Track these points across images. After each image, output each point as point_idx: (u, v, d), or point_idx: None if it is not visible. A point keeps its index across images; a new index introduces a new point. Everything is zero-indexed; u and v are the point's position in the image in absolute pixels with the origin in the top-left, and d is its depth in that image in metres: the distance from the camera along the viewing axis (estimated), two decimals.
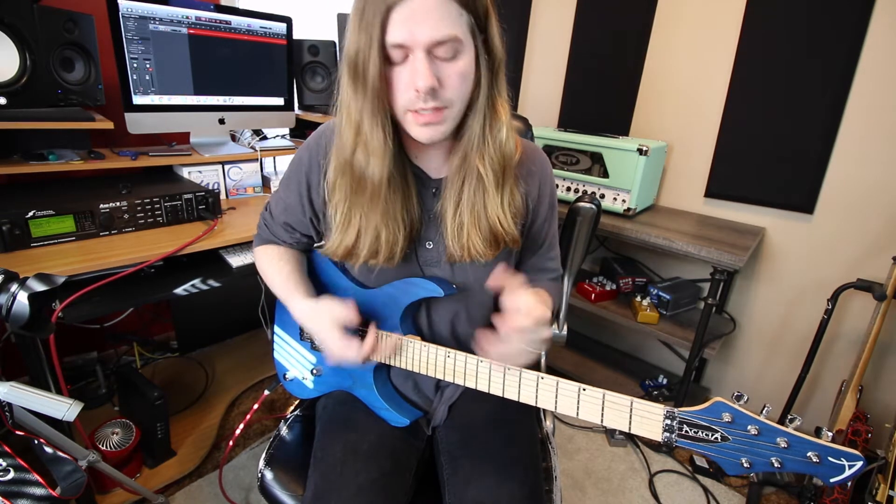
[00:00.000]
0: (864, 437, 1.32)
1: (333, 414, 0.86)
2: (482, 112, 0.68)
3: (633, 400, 0.61)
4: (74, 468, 0.93)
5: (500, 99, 0.70)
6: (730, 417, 0.57)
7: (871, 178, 1.46)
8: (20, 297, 0.74)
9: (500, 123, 0.70)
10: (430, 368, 0.75)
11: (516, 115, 1.17)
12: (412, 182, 0.75)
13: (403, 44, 0.59)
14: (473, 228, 0.73)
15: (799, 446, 0.54)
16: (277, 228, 0.88)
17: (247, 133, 1.82)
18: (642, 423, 0.60)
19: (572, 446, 1.69)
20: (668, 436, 0.59)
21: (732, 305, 1.81)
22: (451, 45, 0.60)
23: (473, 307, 0.84)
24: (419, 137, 0.67)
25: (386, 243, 0.73)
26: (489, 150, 0.70)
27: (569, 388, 0.64)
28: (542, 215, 0.84)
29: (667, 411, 0.59)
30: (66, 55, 1.28)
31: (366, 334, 0.77)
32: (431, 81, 0.60)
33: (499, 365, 0.68)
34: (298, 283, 0.84)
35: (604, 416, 0.63)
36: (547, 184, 0.83)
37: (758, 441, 0.56)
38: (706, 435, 0.58)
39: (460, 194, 0.73)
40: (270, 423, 1.71)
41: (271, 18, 1.57)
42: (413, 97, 0.62)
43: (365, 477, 0.73)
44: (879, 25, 1.39)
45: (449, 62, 0.62)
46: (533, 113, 2.26)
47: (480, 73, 0.65)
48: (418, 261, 0.79)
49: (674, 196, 1.89)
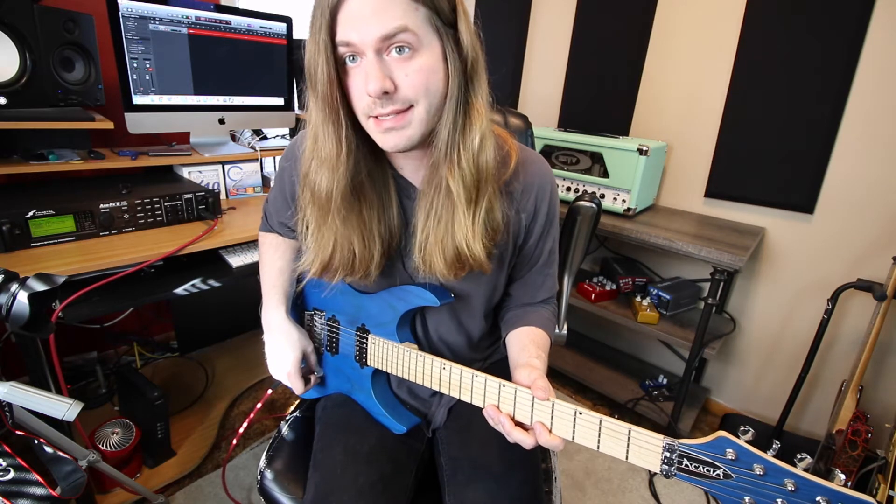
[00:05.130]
0: (864, 437, 1.32)
1: (333, 416, 0.85)
2: (451, 117, 0.61)
3: (630, 428, 0.58)
4: (74, 468, 0.93)
5: (475, 102, 0.63)
6: (734, 455, 0.53)
7: (871, 178, 1.46)
8: (20, 297, 0.74)
9: (475, 131, 0.63)
10: (425, 379, 0.74)
11: (515, 112, 1.15)
12: (394, 192, 0.72)
13: (350, 42, 0.57)
14: (437, 247, 0.67)
15: (808, 490, 0.50)
16: (275, 223, 0.92)
17: (247, 133, 1.82)
18: (640, 454, 0.57)
19: (572, 446, 1.68)
20: (666, 468, 0.56)
21: (732, 305, 1.81)
22: (403, 40, 0.56)
23: (465, 315, 0.83)
24: (383, 145, 0.63)
25: (361, 261, 0.70)
26: (462, 161, 0.63)
27: (565, 410, 0.61)
28: (537, 233, 0.79)
29: (666, 443, 0.56)
30: (66, 55, 1.28)
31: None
32: (382, 83, 0.57)
33: (494, 379, 0.65)
34: (283, 287, 0.87)
35: (600, 442, 0.60)
36: (545, 199, 0.77)
37: (763, 481, 0.52)
38: (707, 471, 0.54)
39: (430, 208, 0.67)
40: (270, 423, 1.71)
41: (271, 18, 1.57)
42: (369, 102, 0.59)
43: (365, 479, 0.72)
44: (879, 25, 1.39)
45: (405, 60, 0.58)
46: (533, 113, 2.25)
47: (450, 73, 0.60)
48: (407, 272, 0.77)
49: (674, 196, 1.89)
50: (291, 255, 0.90)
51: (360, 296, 0.82)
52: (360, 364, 0.84)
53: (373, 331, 0.81)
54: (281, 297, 0.86)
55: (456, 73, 0.60)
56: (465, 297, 0.80)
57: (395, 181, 0.73)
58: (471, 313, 0.83)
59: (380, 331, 0.80)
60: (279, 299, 0.85)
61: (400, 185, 0.74)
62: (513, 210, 0.74)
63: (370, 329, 0.81)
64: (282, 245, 0.91)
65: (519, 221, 0.76)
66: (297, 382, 0.82)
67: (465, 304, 0.81)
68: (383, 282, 0.78)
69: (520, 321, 0.82)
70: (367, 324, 0.81)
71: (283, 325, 0.84)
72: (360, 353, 0.83)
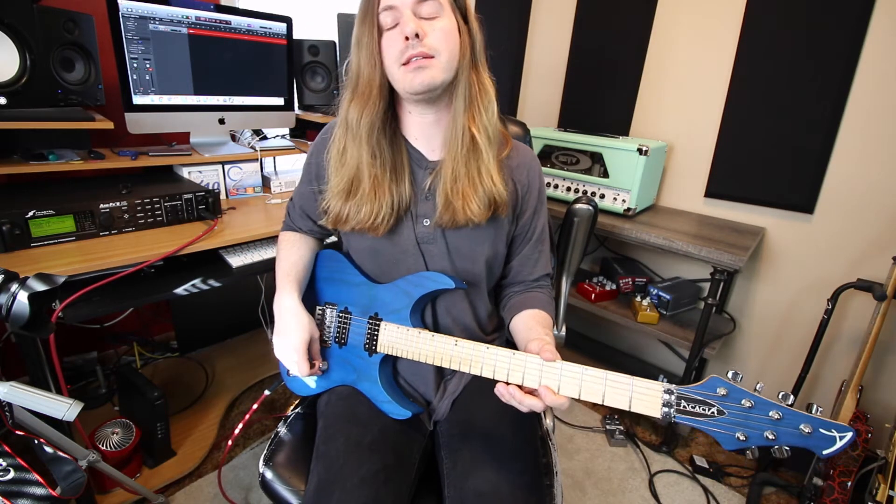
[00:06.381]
0: (864, 437, 1.32)
1: (336, 409, 0.86)
2: (467, 78, 0.76)
3: (634, 379, 0.63)
4: (74, 468, 0.93)
5: (484, 75, 0.79)
6: (724, 391, 0.59)
7: (872, 178, 1.46)
8: (20, 297, 0.74)
9: (489, 96, 0.78)
10: (436, 358, 0.77)
11: (514, 120, 1.18)
12: (406, 161, 0.83)
13: (392, 6, 0.71)
14: (469, 188, 0.78)
15: (791, 418, 0.57)
16: (296, 216, 0.98)
17: (247, 133, 1.82)
18: (642, 401, 0.62)
19: (572, 446, 1.69)
20: (666, 411, 0.61)
21: (732, 305, 1.81)
22: (432, 6, 0.72)
23: (473, 293, 0.89)
24: (413, 84, 0.73)
25: (370, 213, 0.80)
26: (482, 117, 0.77)
27: (573, 369, 0.66)
28: (532, 206, 0.89)
29: (665, 388, 0.61)
30: (66, 55, 1.28)
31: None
32: (416, 26, 0.71)
33: (505, 350, 0.71)
34: (297, 276, 0.89)
35: (605, 395, 0.64)
36: (535, 174, 0.90)
37: (752, 414, 0.58)
38: (703, 409, 0.60)
39: (455, 158, 0.78)
40: (270, 423, 1.71)
41: (271, 18, 1.57)
42: (402, 46, 0.71)
43: (368, 469, 0.73)
44: (879, 25, 1.39)
45: (432, 20, 0.73)
46: (533, 113, 2.26)
47: (463, 43, 0.75)
48: (416, 238, 0.84)
49: (674, 196, 1.89)
50: (307, 250, 0.95)
51: (374, 286, 0.87)
52: (368, 353, 0.85)
53: (385, 318, 0.84)
54: (294, 284, 0.88)
55: (468, 46, 0.76)
56: (471, 266, 0.86)
57: (408, 152, 0.84)
58: (477, 290, 0.89)
59: (393, 317, 0.83)
60: (292, 286, 0.88)
61: (413, 155, 0.85)
62: (510, 181, 0.85)
63: (383, 317, 0.84)
64: (298, 241, 0.96)
65: (516, 192, 0.87)
66: (303, 363, 0.83)
67: (472, 278, 0.87)
68: (393, 245, 0.85)
69: (522, 306, 0.88)
70: (381, 312, 0.85)
71: (294, 308, 0.85)
72: (370, 341, 0.85)
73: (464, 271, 0.86)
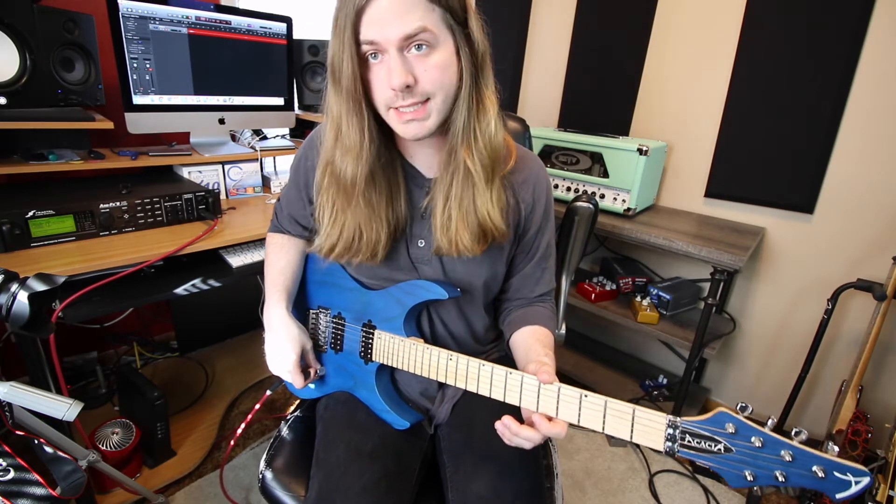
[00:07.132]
0: (864, 437, 1.32)
1: (335, 414, 0.86)
2: (466, 105, 0.68)
3: (635, 408, 0.59)
4: (74, 468, 0.93)
5: (486, 92, 0.70)
6: (733, 428, 0.55)
7: (871, 178, 1.46)
8: (20, 296, 0.74)
9: (488, 117, 0.70)
10: (431, 371, 0.75)
11: (513, 116, 1.17)
12: (402, 180, 0.77)
13: (374, 41, 0.62)
14: (462, 223, 0.73)
15: (804, 460, 0.52)
16: (284, 219, 0.94)
17: (247, 133, 1.82)
18: (644, 432, 0.59)
19: (572, 446, 1.69)
20: (669, 445, 0.58)
21: (732, 305, 1.81)
22: (422, 39, 0.61)
23: (469, 307, 0.85)
24: (404, 135, 0.68)
25: (367, 243, 0.75)
26: (477, 143, 0.70)
27: (570, 394, 0.62)
28: (536, 224, 0.84)
29: (669, 420, 0.57)
30: (66, 55, 1.28)
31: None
32: (405, 78, 0.62)
33: (501, 368, 0.68)
34: (285, 284, 0.88)
35: (605, 424, 0.61)
36: (541, 191, 0.83)
37: (761, 453, 0.54)
38: (709, 445, 0.56)
39: (449, 189, 0.73)
40: (271, 423, 1.71)
41: (271, 18, 1.57)
42: (391, 95, 0.64)
43: (369, 477, 0.73)
44: (879, 25, 1.39)
45: (424, 57, 0.63)
46: (533, 113, 2.26)
47: (462, 67, 0.66)
48: (410, 258, 0.81)
49: (674, 196, 1.89)
50: (295, 254, 0.92)
51: (367, 292, 0.84)
52: (364, 360, 0.84)
53: (379, 326, 0.82)
54: (282, 293, 0.86)
55: (468, 66, 0.66)
56: (467, 286, 0.82)
57: (404, 170, 0.78)
58: (473, 305, 0.86)
59: (386, 326, 0.81)
60: (280, 296, 0.86)
61: (409, 173, 0.79)
62: (513, 200, 0.80)
63: (376, 325, 0.82)
64: (286, 244, 0.93)
65: (519, 211, 0.81)
66: (296, 377, 0.83)
67: (468, 295, 0.84)
68: (388, 265, 0.81)
69: (522, 322, 0.84)
70: (374, 319, 0.83)
71: (283, 321, 0.84)
72: (364, 350, 0.84)
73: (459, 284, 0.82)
